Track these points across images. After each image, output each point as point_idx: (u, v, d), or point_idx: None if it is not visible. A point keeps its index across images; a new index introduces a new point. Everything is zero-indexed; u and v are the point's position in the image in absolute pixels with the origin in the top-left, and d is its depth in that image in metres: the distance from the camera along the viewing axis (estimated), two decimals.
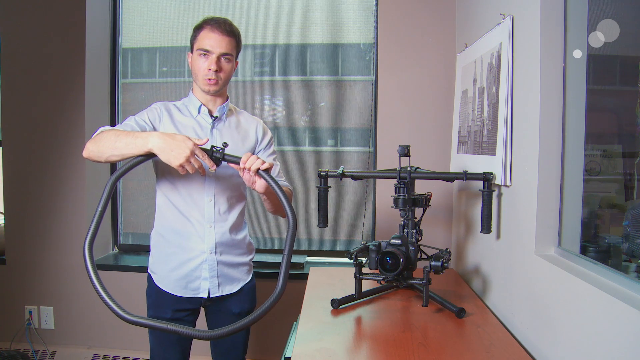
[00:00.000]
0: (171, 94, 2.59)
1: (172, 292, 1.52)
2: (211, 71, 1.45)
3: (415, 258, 1.48)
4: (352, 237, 2.50)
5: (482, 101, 1.72)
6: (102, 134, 1.32)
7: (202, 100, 1.52)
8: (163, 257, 1.53)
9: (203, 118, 1.52)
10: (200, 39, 1.46)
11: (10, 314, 2.52)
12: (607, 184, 1.34)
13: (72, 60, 2.41)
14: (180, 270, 1.51)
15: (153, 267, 1.56)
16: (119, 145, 1.27)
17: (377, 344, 1.27)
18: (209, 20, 1.48)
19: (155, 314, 1.52)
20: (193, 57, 1.49)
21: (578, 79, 1.26)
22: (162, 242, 1.53)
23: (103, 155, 1.31)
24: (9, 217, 2.52)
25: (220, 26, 1.46)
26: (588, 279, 1.07)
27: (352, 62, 2.46)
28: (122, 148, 1.27)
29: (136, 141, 1.26)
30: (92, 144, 1.32)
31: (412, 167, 1.57)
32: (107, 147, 1.28)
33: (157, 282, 1.53)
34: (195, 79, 1.49)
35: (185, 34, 2.59)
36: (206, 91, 1.49)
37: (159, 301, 1.53)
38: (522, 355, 1.21)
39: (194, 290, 1.53)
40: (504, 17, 1.52)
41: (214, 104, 1.54)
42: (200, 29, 1.48)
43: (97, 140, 1.31)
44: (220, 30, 1.45)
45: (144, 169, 2.63)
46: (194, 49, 1.48)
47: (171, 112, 1.52)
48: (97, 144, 1.30)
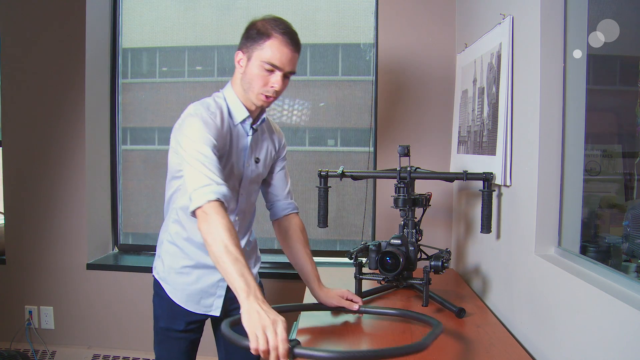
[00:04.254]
0: (171, 94, 2.59)
1: (184, 306, 1.43)
2: (273, 89, 1.31)
3: (415, 258, 1.48)
4: (352, 237, 2.49)
5: (482, 101, 1.72)
6: (214, 234, 1.12)
7: (249, 109, 1.38)
8: (178, 269, 1.43)
9: (243, 127, 1.39)
10: (269, 50, 1.28)
11: (10, 314, 2.51)
12: (607, 184, 1.34)
13: (72, 61, 2.40)
14: (196, 286, 1.43)
15: (165, 276, 1.45)
16: (219, 266, 1.12)
17: (377, 344, 1.27)
18: (280, 28, 1.29)
19: (167, 326, 1.44)
20: (252, 66, 1.30)
21: (578, 79, 1.26)
22: (178, 254, 1.43)
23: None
24: (9, 217, 2.52)
25: (293, 40, 1.30)
26: (588, 279, 1.07)
27: (352, 62, 2.46)
28: (220, 269, 1.13)
29: (234, 283, 1.09)
30: (204, 228, 1.15)
31: (412, 167, 1.57)
32: (210, 252, 1.14)
33: (170, 293, 1.44)
34: (249, 88, 1.32)
35: (186, 33, 2.61)
36: (258, 105, 1.36)
37: (172, 313, 1.44)
38: (522, 355, 1.21)
39: (207, 307, 1.45)
40: (504, 17, 1.52)
41: (255, 114, 1.41)
42: (268, 37, 1.28)
43: (208, 233, 1.13)
44: (293, 47, 1.30)
45: (143, 169, 2.63)
46: (255, 58, 1.29)
47: (228, 132, 1.34)
48: (206, 237, 1.14)
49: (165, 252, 1.45)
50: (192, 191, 1.18)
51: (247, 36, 1.32)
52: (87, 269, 2.45)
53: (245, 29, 1.35)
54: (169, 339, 1.45)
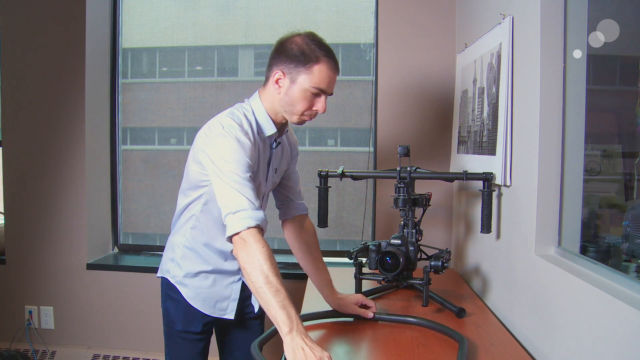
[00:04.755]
0: (171, 94, 2.59)
1: (201, 309, 1.43)
2: (317, 112, 1.31)
3: (415, 258, 1.48)
4: (352, 237, 2.49)
5: (482, 101, 1.72)
6: (254, 264, 1.10)
7: (276, 124, 1.35)
8: (195, 274, 1.42)
9: (269, 140, 1.38)
10: (318, 75, 1.25)
11: (10, 314, 2.51)
12: (607, 184, 1.34)
13: (72, 61, 2.40)
14: (212, 290, 1.43)
15: (182, 280, 1.43)
16: (259, 297, 1.11)
17: (377, 344, 1.27)
18: (325, 50, 1.27)
19: (184, 328, 1.43)
20: (298, 89, 1.27)
21: (578, 79, 1.26)
22: (196, 259, 1.41)
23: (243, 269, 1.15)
24: (9, 217, 2.52)
25: (336, 62, 1.29)
26: (588, 279, 1.07)
27: (352, 62, 2.46)
28: (260, 301, 1.11)
29: (276, 316, 1.07)
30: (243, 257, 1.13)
31: (412, 167, 1.57)
32: (249, 280, 1.12)
33: (187, 296, 1.42)
34: (290, 110, 1.30)
35: (186, 34, 2.61)
36: (295, 123, 1.35)
37: (189, 316, 1.43)
38: (522, 355, 1.21)
39: (222, 310, 1.45)
40: (504, 17, 1.52)
41: (279, 127, 1.39)
42: (315, 61, 1.25)
43: (247, 262, 1.12)
44: (336, 69, 1.29)
45: (143, 169, 2.63)
46: (302, 82, 1.26)
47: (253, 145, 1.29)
48: (245, 266, 1.12)
49: (182, 257, 1.43)
50: (229, 214, 1.15)
51: (289, 56, 1.26)
52: (87, 269, 2.45)
53: (281, 46, 1.29)
54: (185, 342, 1.44)
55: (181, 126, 2.59)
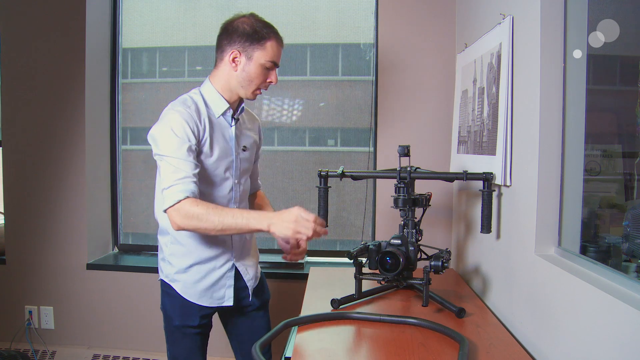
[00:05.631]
0: (171, 94, 2.57)
1: (198, 302, 1.46)
2: (271, 84, 1.43)
3: (415, 258, 1.48)
4: (352, 237, 2.50)
5: (482, 101, 1.72)
6: (198, 211, 1.25)
7: (229, 102, 1.44)
8: (185, 268, 1.45)
9: (225, 119, 1.45)
10: (271, 49, 1.38)
11: (10, 314, 2.52)
12: (607, 184, 1.34)
13: (72, 60, 2.41)
14: (206, 281, 1.46)
15: (174, 277, 1.46)
16: (226, 227, 1.26)
17: (377, 344, 1.26)
18: (273, 29, 1.41)
19: (182, 323, 1.46)
20: (254, 65, 1.38)
21: (578, 79, 1.26)
22: (183, 253, 1.45)
23: (202, 232, 1.31)
24: (9, 217, 2.52)
25: (281, 38, 1.43)
26: (588, 279, 1.07)
27: (352, 62, 2.46)
28: (230, 229, 1.27)
29: (249, 225, 1.27)
30: (187, 222, 1.26)
31: (412, 167, 1.57)
32: (210, 227, 1.26)
33: (181, 291, 1.46)
34: (246, 85, 1.41)
35: (185, 34, 2.61)
36: (249, 99, 1.45)
37: (185, 310, 1.46)
38: (522, 355, 1.21)
39: (219, 299, 1.49)
40: (504, 17, 1.52)
41: (234, 106, 1.47)
42: (266, 39, 1.38)
43: (194, 218, 1.25)
44: (282, 44, 1.43)
45: (143, 169, 2.63)
46: (257, 57, 1.37)
47: (206, 123, 1.39)
48: (197, 223, 1.26)
49: (170, 255, 1.47)
50: (163, 190, 1.28)
51: (242, 35, 1.37)
52: (87, 269, 2.45)
53: (231, 27, 1.40)
54: (184, 336, 1.47)
55: None
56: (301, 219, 1.24)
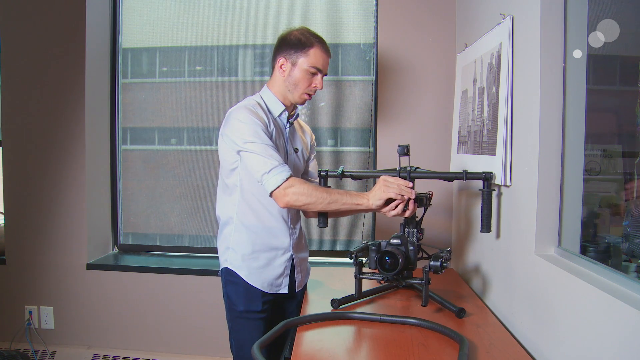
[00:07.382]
0: (171, 94, 2.59)
1: (260, 287, 1.55)
2: (316, 89, 1.55)
3: (415, 258, 1.48)
4: (352, 237, 2.49)
5: (482, 101, 1.72)
6: (306, 187, 1.41)
7: (285, 105, 1.58)
8: (249, 254, 1.55)
9: (281, 120, 1.59)
10: (314, 56, 1.52)
11: (10, 314, 2.52)
12: (607, 184, 1.34)
13: (72, 60, 2.41)
14: (268, 268, 1.56)
15: (239, 263, 1.55)
16: (333, 201, 1.42)
17: (377, 344, 1.26)
18: (318, 39, 1.54)
19: (246, 308, 1.54)
20: (298, 70, 1.52)
21: (578, 79, 1.26)
22: (248, 240, 1.55)
23: (309, 207, 1.44)
24: (9, 217, 2.52)
25: (328, 49, 1.56)
26: (588, 279, 1.07)
27: (352, 62, 2.46)
28: (336, 203, 1.43)
29: (352, 200, 1.43)
30: (297, 197, 1.40)
31: (412, 166, 1.57)
32: (318, 202, 1.42)
33: (246, 278, 1.54)
34: (294, 89, 1.54)
35: (185, 33, 2.61)
36: (299, 104, 1.58)
37: (249, 296, 1.55)
38: (522, 355, 1.21)
39: (277, 287, 1.58)
40: (504, 17, 1.52)
41: (289, 110, 1.61)
42: (310, 46, 1.52)
43: (303, 195, 1.40)
44: (328, 53, 1.55)
45: (143, 169, 2.63)
46: (301, 63, 1.52)
47: (270, 120, 1.53)
48: (307, 199, 1.40)
49: (235, 242, 1.56)
50: (263, 175, 1.39)
51: (289, 45, 1.53)
52: (87, 269, 2.45)
53: (282, 39, 1.56)
54: (248, 322, 1.55)
55: (181, 126, 2.59)
56: (386, 182, 1.42)
